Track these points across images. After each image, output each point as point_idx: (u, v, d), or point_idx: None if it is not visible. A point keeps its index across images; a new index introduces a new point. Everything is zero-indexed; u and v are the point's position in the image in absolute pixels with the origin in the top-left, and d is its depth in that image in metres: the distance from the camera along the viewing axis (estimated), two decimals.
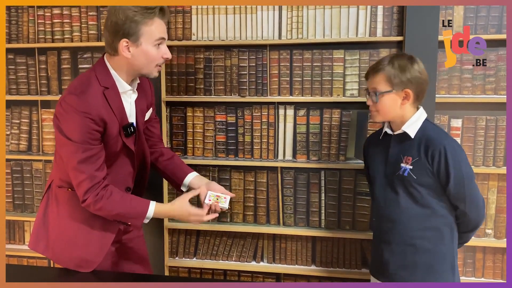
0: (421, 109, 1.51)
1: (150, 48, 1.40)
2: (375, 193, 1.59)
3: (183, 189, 1.70)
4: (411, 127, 1.47)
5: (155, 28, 1.39)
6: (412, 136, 1.47)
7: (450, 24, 1.81)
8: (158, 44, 1.42)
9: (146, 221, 1.48)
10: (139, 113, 1.55)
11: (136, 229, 1.71)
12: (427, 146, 1.43)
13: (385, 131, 1.55)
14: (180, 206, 1.51)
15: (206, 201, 1.55)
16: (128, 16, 1.35)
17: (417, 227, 1.48)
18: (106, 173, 1.44)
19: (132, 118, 1.51)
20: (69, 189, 1.50)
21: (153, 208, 1.46)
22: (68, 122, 1.36)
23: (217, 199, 1.57)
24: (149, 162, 1.66)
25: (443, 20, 1.83)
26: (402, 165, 1.47)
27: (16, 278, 1.47)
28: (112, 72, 1.44)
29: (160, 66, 1.46)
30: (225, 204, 1.57)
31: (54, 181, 1.55)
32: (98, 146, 1.40)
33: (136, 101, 1.53)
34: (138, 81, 1.54)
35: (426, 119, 1.50)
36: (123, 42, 1.37)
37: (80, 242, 1.50)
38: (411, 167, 1.44)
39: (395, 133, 1.51)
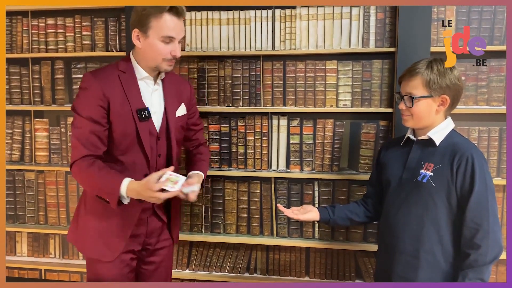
0: (449, 118, 1.46)
1: (157, 42, 1.47)
2: (387, 198, 1.52)
3: None
4: (438, 134, 1.42)
5: (163, 24, 1.46)
6: (437, 143, 1.41)
7: (450, 24, 1.81)
8: (167, 42, 1.48)
9: (124, 201, 1.44)
10: (169, 107, 1.60)
11: (158, 253, 1.70)
12: (454, 153, 1.37)
13: (408, 137, 1.50)
14: (145, 184, 1.40)
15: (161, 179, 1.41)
16: (143, 7, 1.46)
17: (425, 239, 1.40)
18: (102, 154, 1.51)
19: (151, 105, 1.57)
20: None
21: (126, 183, 1.42)
22: (79, 97, 1.51)
23: (169, 179, 1.40)
24: (176, 156, 1.64)
25: (443, 20, 1.83)
26: (422, 171, 1.40)
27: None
28: (133, 60, 1.56)
29: (171, 61, 1.52)
30: (174, 187, 1.38)
31: None
32: (103, 125, 1.48)
33: (165, 95, 1.60)
34: (163, 76, 1.60)
35: (453, 129, 1.45)
36: (135, 32, 1.49)
37: (104, 231, 1.57)
38: (431, 174, 1.38)
39: (419, 138, 1.46)
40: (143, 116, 1.53)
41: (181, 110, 1.67)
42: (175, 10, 1.47)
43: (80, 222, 1.62)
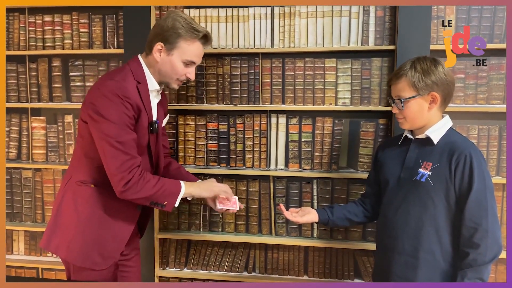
0: (447, 116, 1.44)
1: (178, 63, 1.50)
2: (385, 197, 1.51)
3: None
4: (436, 133, 1.40)
5: (192, 49, 1.49)
6: (435, 142, 1.40)
7: (450, 24, 1.80)
8: (187, 64, 1.51)
9: (177, 201, 1.51)
10: (160, 117, 1.63)
11: (133, 259, 1.71)
12: (452, 152, 1.35)
13: (405, 136, 1.49)
14: (207, 181, 1.64)
15: (219, 207, 1.63)
16: (174, 26, 1.46)
17: (424, 239, 1.39)
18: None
19: (155, 117, 1.59)
20: (92, 185, 1.50)
21: (184, 184, 1.52)
22: (109, 105, 1.40)
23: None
24: (162, 166, 1.68)
25: (443, 20, 1.82)
26: (420, 170, 1.39)
27: None
28: (145, 69, 1.53)
29: (182, 81, 1.55)
30: (235, 206, 1.65)
31: (73, 179, 1.53)
32: (134, 133, 1.46)
33: (158, 105, 1.61)
34: (163, 86, 1.61)
35: (451, 128, 1.44)
36: (158, 45, 1.48)
37: (100, 239, 1.51)
38: (429, 173, 1.37)
39: (417, 137, 1.45)
40: (156, 128, 1.55)
41: (165, 121, 1.71)
42: (205, 39, 1.51)
43: (69, 226, 1.51)
